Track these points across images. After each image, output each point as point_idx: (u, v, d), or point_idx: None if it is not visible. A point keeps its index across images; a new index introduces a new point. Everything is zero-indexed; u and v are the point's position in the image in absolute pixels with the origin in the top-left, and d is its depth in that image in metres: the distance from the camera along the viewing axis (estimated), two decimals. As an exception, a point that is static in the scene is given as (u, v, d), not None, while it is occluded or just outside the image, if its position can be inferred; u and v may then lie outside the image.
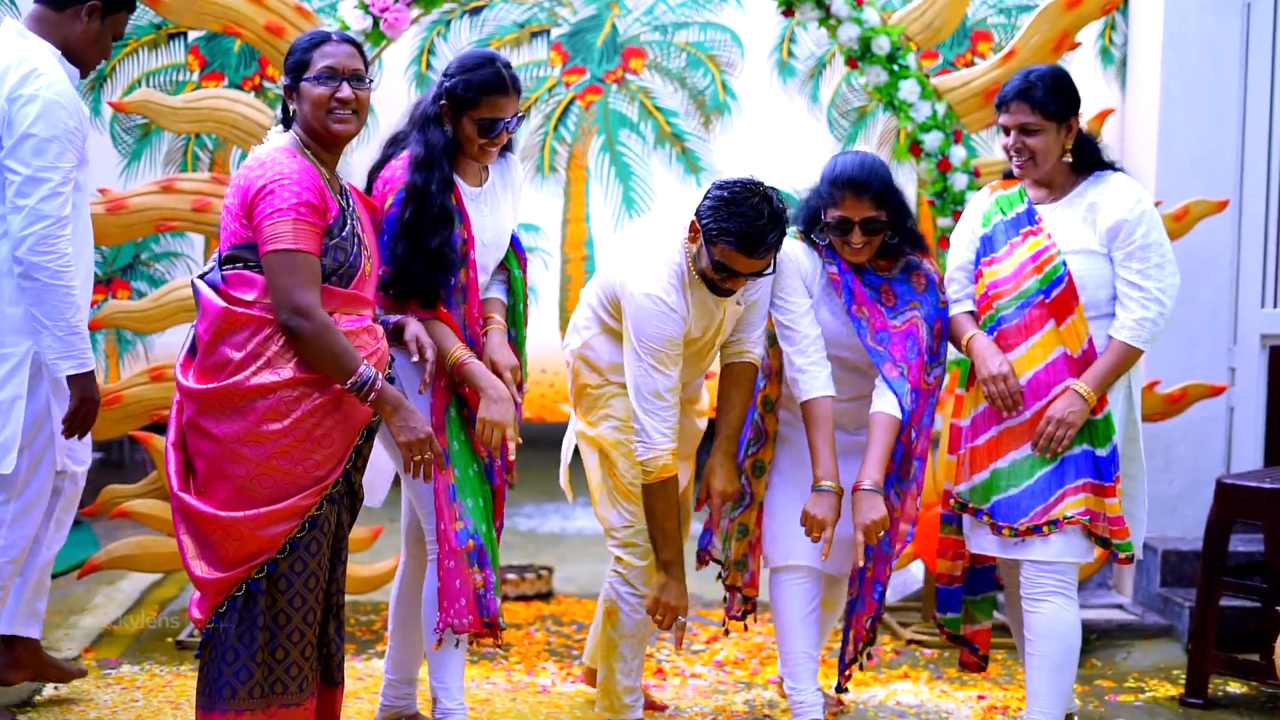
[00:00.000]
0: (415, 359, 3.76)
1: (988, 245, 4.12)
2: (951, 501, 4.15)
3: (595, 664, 4.57)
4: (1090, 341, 3.97)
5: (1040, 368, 3.99)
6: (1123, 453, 4.11)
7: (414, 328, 3.76)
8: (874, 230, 4.04)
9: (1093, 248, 3.99)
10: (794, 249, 4.13)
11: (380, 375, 3.44)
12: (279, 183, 3.34)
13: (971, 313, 4.16)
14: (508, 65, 3.85)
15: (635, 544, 4.16)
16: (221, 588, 3.37)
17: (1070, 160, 4.05)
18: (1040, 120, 3.98)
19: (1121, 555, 3.98)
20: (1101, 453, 3.95)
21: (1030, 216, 4.07)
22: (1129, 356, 3.96)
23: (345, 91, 3.48)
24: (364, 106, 3.52)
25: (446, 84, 3.83)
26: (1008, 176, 4.18)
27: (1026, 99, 3.98)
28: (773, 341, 4.23)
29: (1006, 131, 4.04)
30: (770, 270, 3.88)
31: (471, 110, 3.80)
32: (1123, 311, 3.97)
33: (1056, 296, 3.98)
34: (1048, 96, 3.97)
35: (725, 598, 4.41)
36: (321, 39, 3.53)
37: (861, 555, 4.00)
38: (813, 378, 4.07)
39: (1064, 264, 3.98)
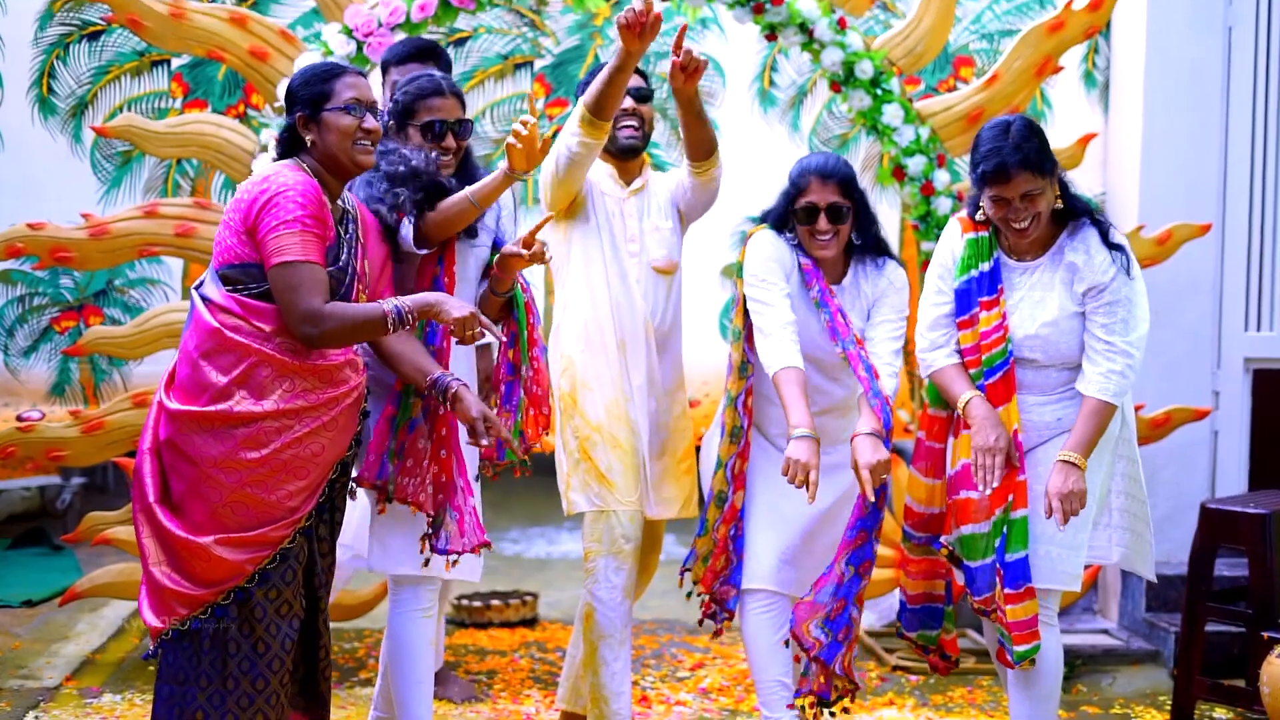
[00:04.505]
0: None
1: (962, 303, 4.00)
2: (943, 552, 4.09)
3: (571, 706, 4.56)
4: (1013, 433, 3.89)
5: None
6: (1116, 472, 4.06)
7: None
8: (840, 218, 4.03)
9: (1072, 310, 3.92)
10: (771, 240, 4.13)
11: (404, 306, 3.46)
12: (283, 194, 3.35)
13: (960, 364, 4.02)
14: (446, 76, 4.00)
15: (602, 531, 4.24)
16: (184, 601, 3.36)
17: (1059, 208, 3.92)
18: (1042, 181, 3.83)
19: (1023, 662, 3.86)
20: (1014, 557, 3.85)
21: (994, 283, 3.95)
22: (1104, 413, 3.87)
23: (371, 122, 3.50)
24: (378, 138, 3.57)
25: (391, 104, 3.97)
26: (979, 222, 3.99)
27: (1027, 166, 3.78)
28: (737, 338, 4.19)
29: (1002, 203, 3.85)
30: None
31: (412, 118, 3.90)
32: (1090, 366, 3.89)
33: (995, 381, 3.93)
34: (1041, 155, 3.82)
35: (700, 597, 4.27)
36: (337, 70, 3.53)
37: (870, 492, 3.88)
38: (783, 348, 3.97)
39: (1010, 352, 3.92)
